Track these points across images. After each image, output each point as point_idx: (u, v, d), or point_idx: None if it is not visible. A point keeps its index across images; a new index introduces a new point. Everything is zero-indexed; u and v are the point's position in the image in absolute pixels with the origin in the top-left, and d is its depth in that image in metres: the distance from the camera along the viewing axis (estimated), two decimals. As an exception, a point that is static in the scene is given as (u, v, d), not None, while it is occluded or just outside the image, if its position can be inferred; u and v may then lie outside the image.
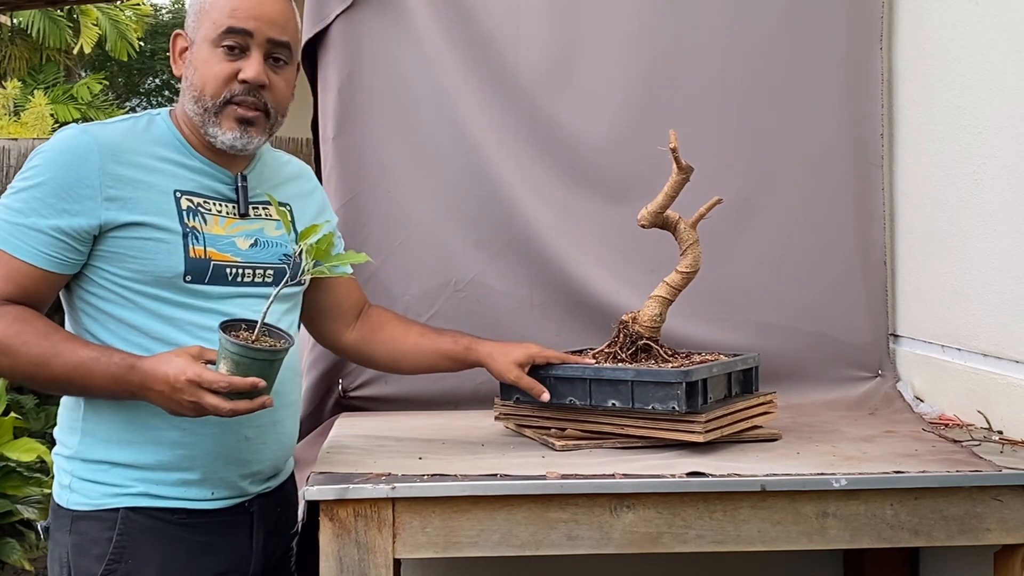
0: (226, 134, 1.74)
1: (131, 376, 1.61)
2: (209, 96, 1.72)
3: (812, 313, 2.51)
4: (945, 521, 1.75)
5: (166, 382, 1.58)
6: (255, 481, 1.81)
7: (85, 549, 1.69)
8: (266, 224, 1.83)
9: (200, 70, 1.73)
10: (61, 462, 1.76)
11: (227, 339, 1.55)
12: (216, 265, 1.72)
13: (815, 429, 2.13)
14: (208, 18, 1.73)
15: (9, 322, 1.62)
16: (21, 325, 1.62)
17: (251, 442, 1.77)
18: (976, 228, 2.18)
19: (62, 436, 1.77)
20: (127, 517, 1.69)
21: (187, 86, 1.75)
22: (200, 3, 1.76)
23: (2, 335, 1.61)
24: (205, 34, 1.73)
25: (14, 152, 7.75)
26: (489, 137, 2.49)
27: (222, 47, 1.72)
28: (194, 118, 1.75)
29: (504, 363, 2.00)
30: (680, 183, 1.95)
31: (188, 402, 1.58)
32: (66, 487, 1.73)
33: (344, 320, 2.05)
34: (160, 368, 1.59)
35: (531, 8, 2.51)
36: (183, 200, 1.72)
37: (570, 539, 1.71)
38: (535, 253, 2.48)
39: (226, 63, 1.72)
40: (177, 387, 1.57)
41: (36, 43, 15.43)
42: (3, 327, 1.61)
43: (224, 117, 1.73)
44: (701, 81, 2.52)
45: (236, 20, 1.72)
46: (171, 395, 1.58)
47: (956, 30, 2.27)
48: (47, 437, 4.51)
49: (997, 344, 2.12)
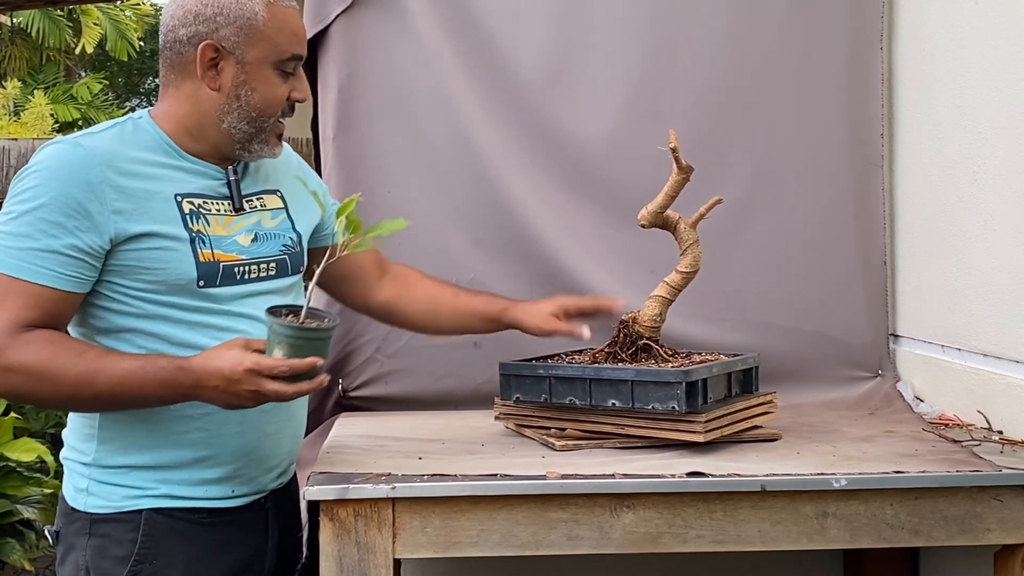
0: (272, 149, 1.79)
1: (181, 377, 1.59)
2: (269, 116, 1.74)
3: (812, 313, 2.51)
4: (945, 521, 1.75)
5: (221, 376, 1.56)
6: (271, 477, 1.82)
7: (107, 551, 1.68)
8: (262, 215, 1.82)
9: (261, 91, 1.72)
10: (76, 467, 1.73)
11: (280, 323, 1.55)
12: (225, 266, 1.72)
13: (815, 429, 2.13)
14: (266, 39, 1.71)
15: (40, 347, 1.58)
16: (54, 348, 1.59)
17: (270, 438, 1.78)
18: (976, 228, 2.18)
19: (75, 442, 1.75)
20: (150, 518, 1.69)
21: (234, 105, 1.72)
22: (248, 18, 1.70)
23: (38, 361, 1.57)
24: (263, 55, 1.71)
25: (14, 152, 7.75)
26: (489, 137, 2.49)
27: (282, 71, 1.74)
28: (236, 134, 1.74)
29: (540, 317, 2.02)
30: (680, 183, 1.96)
31: (248, 392, 1.56)
32: (83, 491, 1.71)
33: (370, 281, 2.05)
34: (213, 363, 1.57)
35: (531, 8, 2.51)
36: (184, 204, 1.71)
37: (570, 539, 1.71)
38: (535, 253, 2.48)
39: (284, 86, 1.75)
40: (235, 379, 1.55)
41: (36, 43, 15.44)
42: (36, 353, 1.57)
43: (270, 134, 1.77)
44: (701, 81, 2.52)
45: (300, 47, 1.76)
46: (228, 388, 1.57)
47: (956, 30, 2.27)
48: (47, 437, 4.51)
49: (997, 344, 2.12)
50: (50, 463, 3.94)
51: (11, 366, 1.57)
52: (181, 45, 1.72)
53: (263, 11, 1.71)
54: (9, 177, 8.33)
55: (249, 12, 1.70)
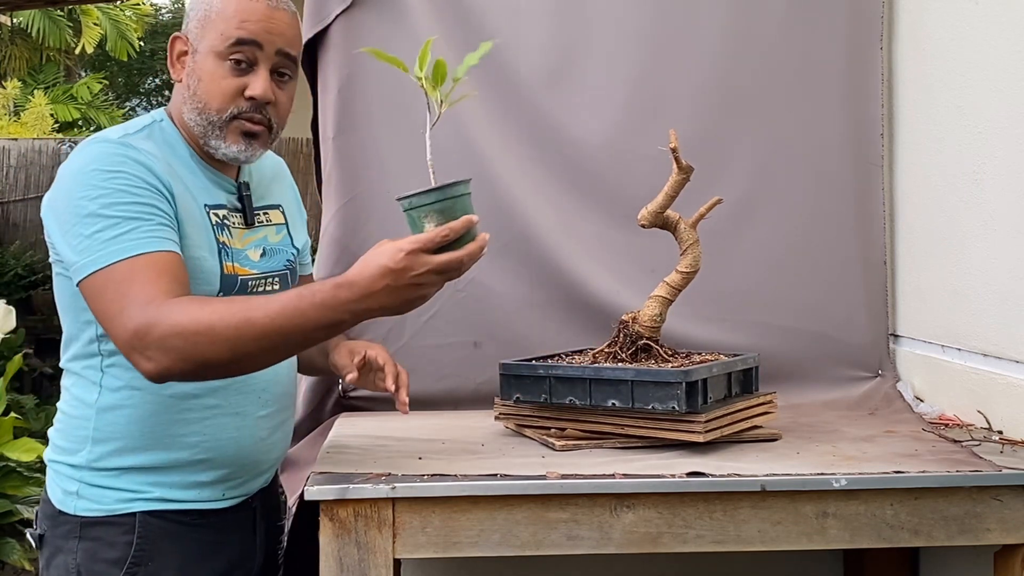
0: (230, 147, 1.70)
1: (341, 294, 1.49)
2: (215, 111, 1.68)
3: (812, 313, 2.51)
4: (945, 521, 1.75)
5: (387, 272, 1.48)
6: (261, 481, 1.84)
7: (99, 554, 1.68)
8: (268, 231, 1.82)
9: (205, 83, 1.67)
10: (64, 469, 1.72)
11: (421, 194, 1.50)
12: (242, 280, 1.72)
13: (815, 429, 2.13)
14: (214, 28, 1.67)
15: (186, 306, 1.50)
16: (200, 304, 1.52)
17: (264, 443, 1.79)
18: (976, 228, 2.18)
19: (65, 443, 1.73)
20: (145, 521, 1.69)
21: (188, 96, 1.70)
22: (205, 10, 1.69)
23: (192, 319, 1.49)
24: (211, 44, 1.67)
25: (14, 152, 7.74)
26: (489, 137, 2.49)
27: (230, 60, 1.67)
28: (195, 128, 1.71)
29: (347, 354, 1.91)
30: (680, 183, 1.96)
31: (421, 276, 1.48)
32: (72, 494, 1.70)
33: None
34: (371, 264, 1.49)
35: (531, 8, 2.51)
36: (211, 215, 1.70)
37: (570, 539, 1.71)
38: (535, 253, 2.48)
39: (233, 78, 1.67)
40: (400, 268, 1.48)
41: (36, 43, 15.44)
42: (187, 312, 1.50)
43: (229, 131, 1.69)
44: (701, 81, 2.52)
45: (246, 31, 1.66)
46: (398, 282, 1.48)
47: (956, 30, 2.27)
48: (47, 437, 4.51)
49: (997, 344, 2.12)
50: (49, 464, 3.94)
51: (169, 333, 1.49)
52: None
53: (219, 1, 1.69)
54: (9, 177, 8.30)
55: (208, 3, 1.69)
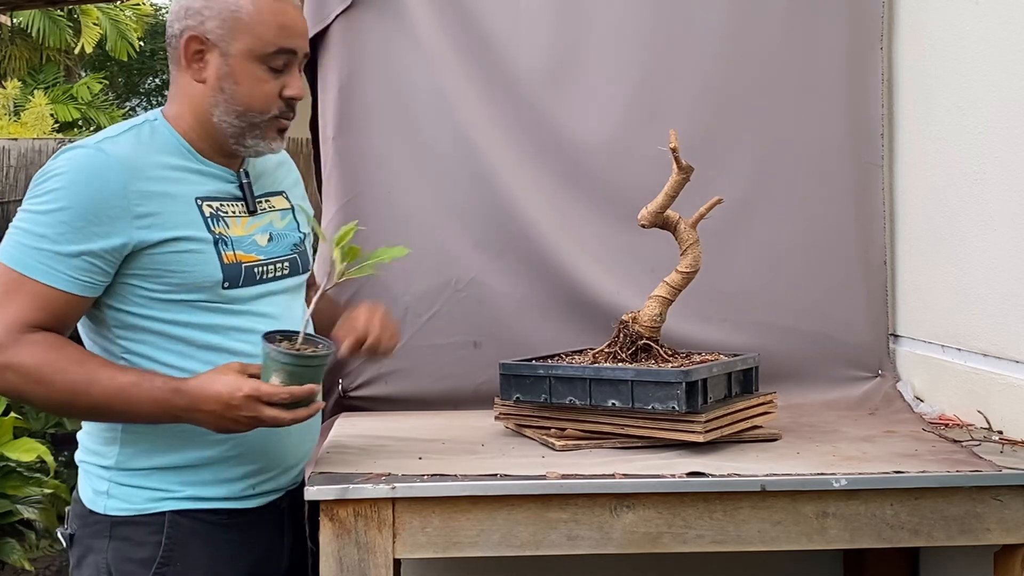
0: (268, 144, 1.76)
1: (176, 400, 1.60)
2: (258, 113, 1.72)
3: (812, 313, 2.51)
4: (945, 521, 1.75)
5: (219, 400, 1.58)
6: (290, 477, 1.84)
7: (129, 554, 1.69)
8: (273, 216, 1.84)
9: (246, 86, 1.70)
10: (95, 470, 1.74)
11: (278, 351, 1.56)
12: (247, 267, 1.73)
13: (815, 429, 2.13)
14: (250, 32, 1.69)
15: (42, 350, 1.59)
16: (55, 353, 1.60)
17: (292, 436, 1.78)
18: (976, 228, 2.18)
19: (94, 445, 1.75)
20: (174, 520, 1.70)
21: (222, 98, 1.71)
22: (231, 11, 1.69)
23: (37, 363, 1.58)
24: (247, 48, 1.69)
25: (14, 152, 7.74)
26: (489, 137, 2.49)
27: (269, 65, 1.71)
28: (228, 129, 1.72)
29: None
30: (680, 183, 1.96)
31: (246, 418, 1.58)
32: (103, 493, 1.71)
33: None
34: (211, 387, 1.58)
35: (531, 8, 2.51)
36: (204, 206, 1.72)
37: (570, 539, 1.71)
38: (535, 253, 2.47)
39: (273, 81, 1.72)
40: (233, 404, 1.57)
41: (36, 43, 15.43)
42: (37, 355, 1.58)
43: (268, 130, 1.74)
44: (701, 81, 2.52)
45: (288, 40, 1.71)
46: (225, 413, 1.58)
47: (956, 30, 2.27)
48: (47, 437, 4.51)
49: (997, 344, 2.12)
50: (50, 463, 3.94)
51: (10, 365, 1.58)
52: (175, 39, 1.73)
53: (249, 4, 1.70)
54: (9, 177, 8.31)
55: (234, 4, 1.70)
